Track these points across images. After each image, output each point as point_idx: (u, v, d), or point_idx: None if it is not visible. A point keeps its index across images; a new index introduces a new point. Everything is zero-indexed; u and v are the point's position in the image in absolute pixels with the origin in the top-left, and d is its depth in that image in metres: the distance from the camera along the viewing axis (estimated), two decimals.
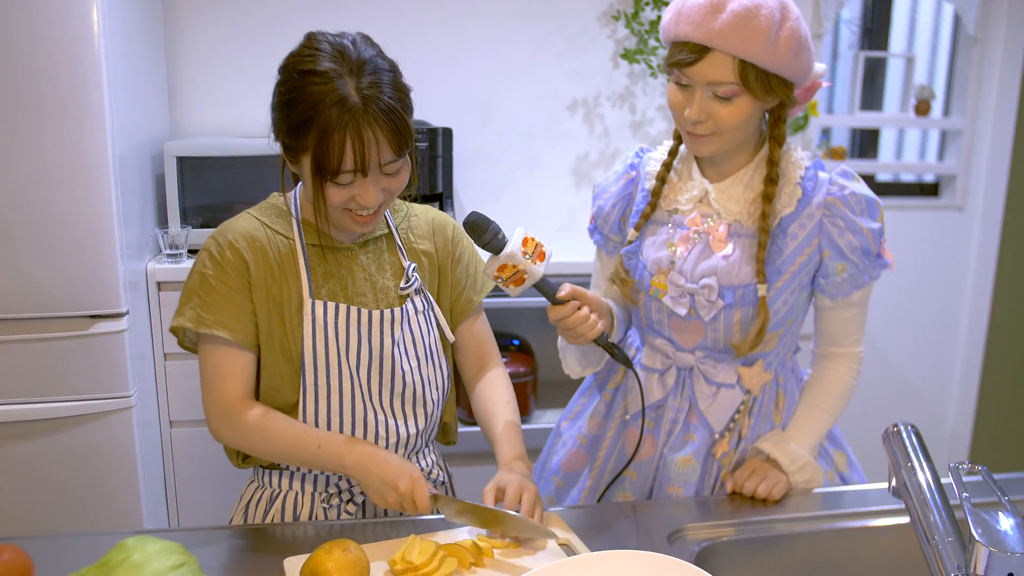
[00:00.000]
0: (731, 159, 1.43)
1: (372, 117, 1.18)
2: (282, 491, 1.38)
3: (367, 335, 1.33)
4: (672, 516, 1.36)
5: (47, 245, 2.06)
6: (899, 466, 1.07)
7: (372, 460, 1.26)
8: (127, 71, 2.20)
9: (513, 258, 1.29)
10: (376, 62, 1.22)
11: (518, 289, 1.32)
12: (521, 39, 2.86)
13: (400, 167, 1.25)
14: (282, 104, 1.23)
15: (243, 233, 1.31)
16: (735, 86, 1.29)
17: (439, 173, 2.59)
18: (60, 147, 2.02)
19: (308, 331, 1.29)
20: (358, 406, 1.33)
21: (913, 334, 3.40)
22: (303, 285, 1.30)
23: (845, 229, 1.39)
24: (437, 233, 1.45)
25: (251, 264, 1.29)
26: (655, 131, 2.99)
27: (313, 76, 1.19)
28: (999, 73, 3.19)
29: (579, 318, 1.34)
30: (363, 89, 1.18)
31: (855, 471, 1.60)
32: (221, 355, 1.29)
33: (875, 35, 3.34)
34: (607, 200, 1.56)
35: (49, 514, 2.17)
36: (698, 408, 1.48)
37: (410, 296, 1.38)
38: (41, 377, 2.12)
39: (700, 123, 1.33)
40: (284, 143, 1.25)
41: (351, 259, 1.35)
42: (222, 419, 1.30)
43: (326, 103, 1.17)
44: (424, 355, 1.39)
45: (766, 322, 1.40)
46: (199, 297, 1.29)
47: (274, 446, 1.30)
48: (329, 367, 1.31)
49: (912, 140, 3.54)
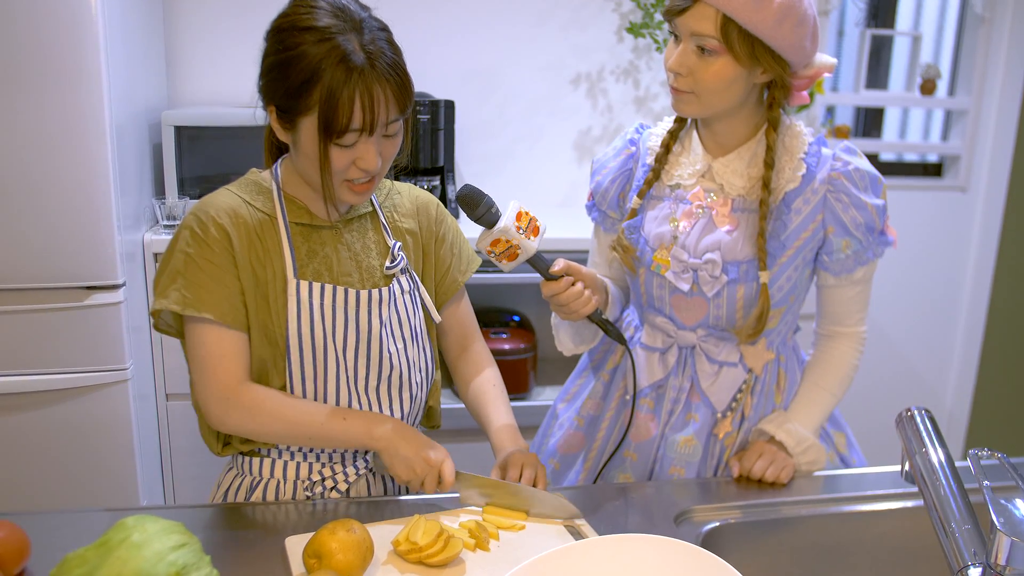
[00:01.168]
0: (732, 133, 1.41)
1: (380, 73, 1.14)
2: (263, 479, 1.32)
3: (354, 316, 1.28)
4: (677, 498, 1.34)
5: (43, 215, 2.03)
6: (913, 451, 1.05)
7: (400, 433, 1.25)
8: (124, 39, 2.15)
9: (507, 233, 1.27)
10: (371, 22, 1.19)
11: (511, 264, 1.30)
12: (525, 11, 2.82)
13: (398, 129, 1.22)
14: (279, 64, 1.16)
15: (225, 208, 1.24)
16: (715, 41, 1.27)
17: (440, 146, 2.56)
18: (57, 115, 1.98)
19: (293, 312, 1.24)
20: (343, 391, 1.28)
21: (913, 315, 3.39)
22: (287, 265, 1.24)
23: (849, 205, 1.38)
24: (421, 212, 1.41)
25: (235, 241, 1.22)
26: (659, 107, 2.95)
27: (312, 32, 1.14)
28: (1006, 53, 3.16)
29: (572, 294, 1.32)
30: (366, 45, 1.15)
31: (855, 452, 1.59)
32: (214, 337, 1.22)
33: (881, 13, 3.30)
34: (606, 176, 1.54)
35: (44, 488, 2.16)
36: (700, 387, 1.46)
37: (396, 276, 1.33)
38: (36, 349, 2.09)
39: (680, 76, 1.32)
40: (279, 107, 1.19)
41: (335, 238, 1.30)
42: (226, 404, 1.22)
43: (331, 59, 1.12)
44: (410, 336, 1.35)
45: (767, 309, 1.38)
46: (183, 278, 1.21)
47: (289, 426, 1.24)
48: (315, 350, 1.25)
49: (916, 120, 3.51)
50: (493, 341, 2.56)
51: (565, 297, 1.32)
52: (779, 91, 1.37)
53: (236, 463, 1.35)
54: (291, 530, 1.18)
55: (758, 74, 1.33)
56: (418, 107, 2.49)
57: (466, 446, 2.52)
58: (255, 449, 1.32)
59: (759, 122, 1.42)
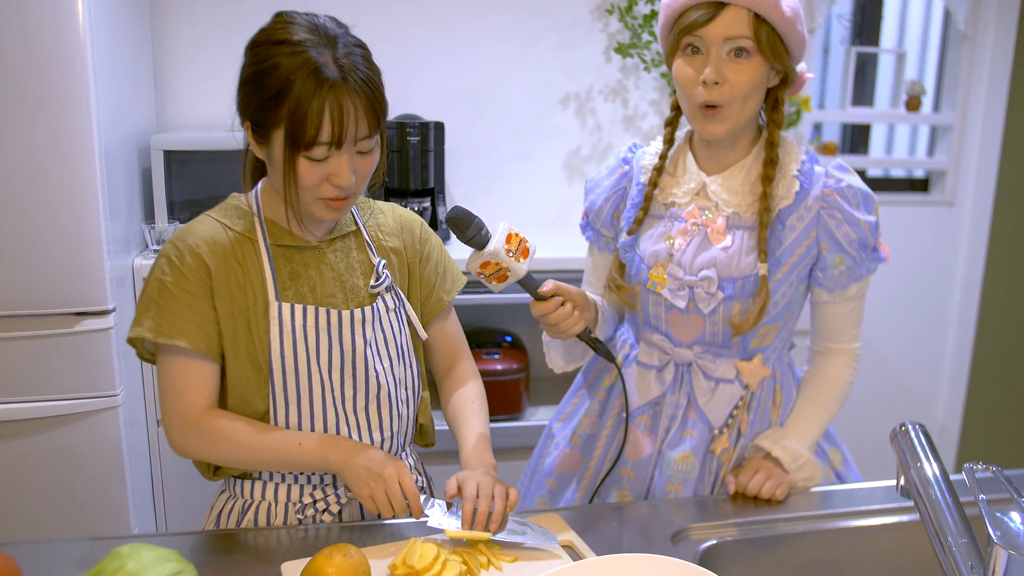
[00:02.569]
0: (731, 149, 1.43)
1: (351, 87, 1.14)
2: (254, 501, 1.31)
3: (338, 337, 1.27)
4: (674, 516, 1.34)
5: (32, 240, 2.01)
6: (908, 466, 1.05)
7: (355, 454, 1.22)
8: (113, 63, 2.16)
9: (496, 255, 1.27)
10: (348, 38, 1.19)
11: (500, 285, 1.30)
12: (514, 32, 2.84)
13: (373, 147, 1.21)
14: (252, 76, 1.17)
15: (204, 237, 1.24)
16: (750, 41, 1.30)
17: (431, 167, 2.56)
18: (45, 140, 1.98)
19: (276, 335, 1.23)
20: (329, 413, 1.28)
21: (903, 329, 3.41)
22: (268, 288, 1.24)
23: (843, 221, 1.39)
24: (405, 231, 1.40)
25: (212, 269, 1.22)
26: (647, 126, 2.97)
27: (286, 46, 1.15)
28: (989, 69, 3.20)
29: (561, 314, 1.33)
30: (340, 59, 1.15)
31: (850, 468, 1.59)
32: (182, 366, 1.22)
33: (866, 30, 3.34)
34: (600, 195, 1.55)
35: (34, 516, 2.13)
36: (697, 404, 1.47)
37: (380, 294, 1.33)
38: (25, 375, 2.07)
39: (716, 86, 1.32)
40: (252, 121, 1.19)
41: (318, 258, 1.29)
42: (186, 431, 1.23)
43: (303, 71, 1.13)
44: (396, 355, 1.34)
45: (767, 300, 1.39)
46: (157, 305, 1.22)
47: (247, 452, 1.23)
48: (299, 372, 1.25)
49: (902, 136, 3.54)
50: (485, 362, 2.56)
51: (554, 317, 1.33)
52: (783, 90, 1.41)
53: (229, 486, 1.34)
54: (287, 555, 1.17)
55: (772, 76, 1.37)
56: (408, 129, 2.50)
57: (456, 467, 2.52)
58: (247, 472, 1.31)
59: (753, 139, 1.44)
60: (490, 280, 1.29)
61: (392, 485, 1.19)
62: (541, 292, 1.33)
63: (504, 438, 2.54)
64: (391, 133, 2.50)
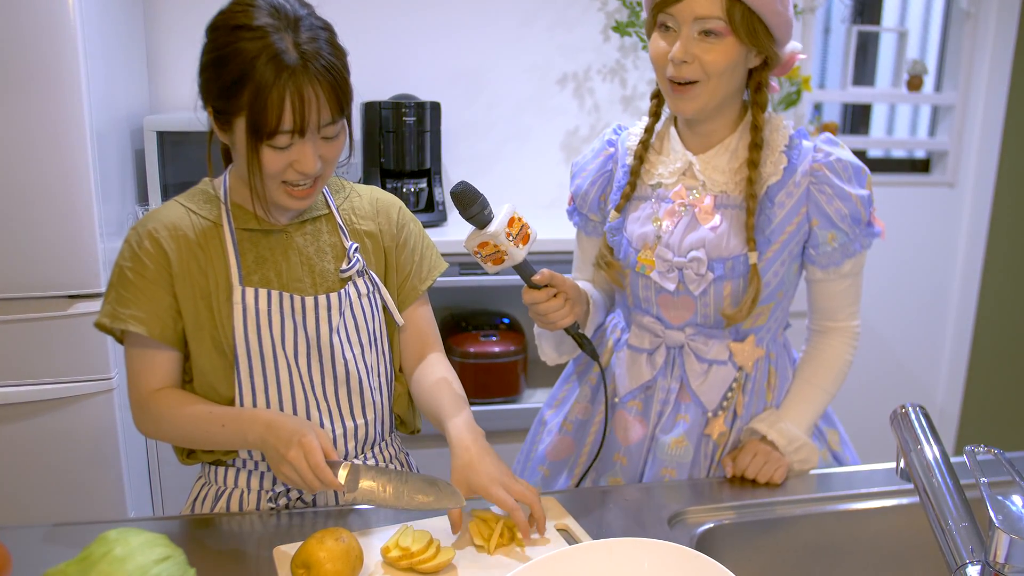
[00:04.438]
0: (714, 128, 1.40)
1: (312, 74, 1.11)
2: (227, 488, 1.30)
3: (302, 322, 1.25)
4: (670, 500, 1.33)
5: (24, 223, 2.00)
6: (908, 448, 1.04)
7: (269, 430, 1.14)
8: (105, 43, 2.13)
9: (495, 237, 1.25)
10: (312, 20, 1.15)
11: (496, 268, 1.28)
12: (511, 12, 2.80)
13: (338, 131, 1.18)
14: (212, 62, 1.14)
15: (165, 223, 1.23)
16: (721, 22, 1.27)
17: (427, 148, 2.54)
18: (36, 122, 1.96)
19: (239, 320, 1.22)
20: (299, 397, 1.26)
21: (903, 311, 3.39)
22: (232, 272, 1.22)
23: (833, 196, 1.36)
24: (381, 214, 1.37)
25: (172, 255, 1.21)
26: (646, 105, 2.91)
27: (246, 31, 1.11)
28: (991, 49, 3.16)
29: (552, 305, 1.32)
30: (302, 44, 1.11)
31: (847, 449, 1.58)
32: (139, 350, 1.23)
33: (867, 9, 3.31)
34: (585, 179, 1.52)
35: (28, 501, 2.12)
36: (690, 387, 1.45)
37: (352, 279, 1.30)
38: (18, 359, 2.06)
39: (685, 64, 1.30)
40: (214, 107, 1.16)
41: (286, 242, 1.27)
42: (139, 412, 1.25)
43: (263, 58, 1.09)
44: (368, 341, 1.31)
45: (759, 290, 1.37)
46: (116, 291, 1.22)
47: (185, 431, 1.22)
48: (264, 358, 1.23)
49: (903, 116, 3.51)
50: (483, 344, 2.54)
51: (544, 308, 1.32)
52: (766, 72, 1.37)
53: (205, 472, 1.34)
54: (279, 540, 1.16)
55: (752, 56, 1.33)
56: (404, 109, 2.47)
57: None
58: (220, 459, 1.30)
59: (739, 115, 1.41)
60: (486, 261, 1.28)
61: (313, 456, 1.11)
62: (535, 280, 1.31)
63: (501, 421, 2.54)
64: (387, 113, 2.47)
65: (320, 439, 1.13)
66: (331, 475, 1.11)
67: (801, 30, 3.01)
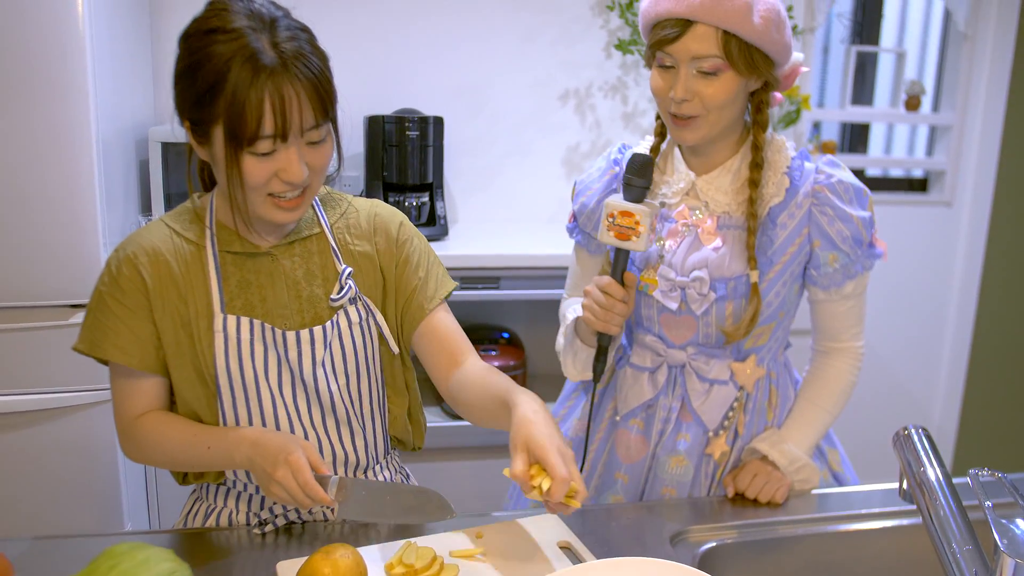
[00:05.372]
0: (716, 150, 1.41)
1: (293, 74, 1.04)
2: (217, 507, 1.29)
3: (284, 354, 1.20)
4: (672, 519, 1.33)
5: (27, 232, 2.00)
6: (911, 470, 1.05)
7: (255, 449, 1.10)
8: (112, 54, 2.14)
9: (649, 217, 1.29)
10: (289, 21, 1.10)
11: (609, 239, 1.32)
12: (514, 27, 2.82)
13: (324, 136, 1.11)
14: (185, 71, 1.08)
15: (146, 247, 1.18)
16: (719, 59, 1.28)
17: (430, 162, 2.55)
18: (42, 130, 1.96)
19: (220, 349, 1.17)
20: (283, 426, 1.21)
21: (900, 330, 3.40)
22: (214, 298, 1.18)
23: (835, 218, 1.37)
24: (379, 232, 1.29)
25: (149, 282, 1.17)
26: (647, 122, 2.96)
27: (220, 33, 1.05)
28: (988, 70, 3.19)
29: (620, 307, 1.33)
30: (280, 43, 1.05)
31: (848, 469, 1.59)
32: (121, 378, 1.21)
33: (866, 30, 3.33)
34: (591, 197, 1.52)
35: (26, 511, 2.12)
36: (691, 406, 1.45)
37: (343, 306, 1.24)
38: (18, 368, 2.06)
39: (686, 102, 1.31)
40: (190, 119, 1.10)
41: (271, 266, 1.21)
42: (124, 438, 1.22)
43: (238, 59, 1.03)
44: (356, 370, 1.25)
45: (759, 308, 1.37)
46: (94, 317, 1.19)
47: (171, 455, 1.20)
48: (247, 387, 1.19)
49: (901, 135, 3.54)
50: (483, 358, 2.54)
51: (613, 304, 1.32)
52: (767, 94, 1.38)
53: (200, 488, 1.32)
54: (281, 555, 1.16)
55: (752, 82, 1.34)
56: (407, 123, 2.48)
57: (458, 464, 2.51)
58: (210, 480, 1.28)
59: (741, 137, 1.42)
60: (611, 228, 1.31)
61: (301, 474, 1.07)
62: (627, 276, 1.34)
63: (501, 435, 2.53)
64: (390, 127, 2.48)
65: (308, 454, 1.10)
66: (321, 492, 1.08)
67: (801, 49, 3.03)
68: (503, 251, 2.47)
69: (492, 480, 2.46)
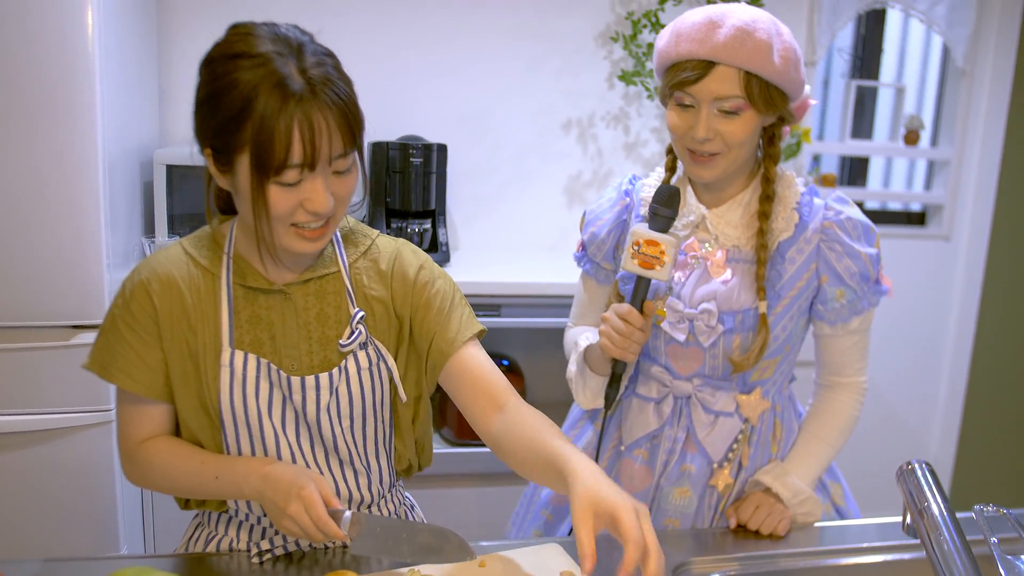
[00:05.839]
0: (728, 184, 1.42)
1: (322, 101, 1.01)
2: (219, 535, 1.27)
3: (289, 395, 1.18)
4: (675, 550, 1.32)
5: (32, 252, 2.00)
6: (915, 505, 1.05)
7: (266, 483, 1.09)
8: (120, 77, 2.15)
9: (676, 247, 1.31)
10: (315, 46, 1.06)
11: (635, 268, 1.32)
12: (517, 56, 2.85)
13: (350, 166, 1.09)
14: (209, 97, 1.04)
15: (160, 273, 1.17)
16: (740, 100, 1.29)
17: (432, 189, 2.56)
18: (50, 151, 1.97)
19: (225, 383, 1.15)
20: (286, 462, 1.19)
21: (897, 363, 3.41)
22: (223, 332, 1.16)
23: (843, 254, 1.39)
24: (396, 277, 1.24)
25: (159, 310, 1.15)
26: (648, 153, 2.98)
27: (246, 59, 1.01)
28: (986, 105, 3.22)
29: (639, 335, 1.34)
30: (308, 70, 1.02)
31: (850, 503, 1.58)
32: (128, 401, 1.20)
33: (866, 64, 3.37)
34: (602, 227, 1.53)
35: (22, 531, 2.10)
36: (696, 437, 1.45)
37: (353, 351, 1.21)
38: (18, 388, 2.05)
39: (708, 141, 1.32)
40: (212, 147, 1.06)
41: (284, 304, 1.18)
42: (128, 463, 1.21)
43: (265, 85, 0.99)
44: (363, 414, 1.23)
45: (767, 339, 1.38)
46: (106, 339, 1.18)
47: (176, 482, 1.19)
48: (250, 423, 1.17)
49: (900, 169, 3.57)
50: None
51: (632, 332, 1.33)
52: (779, 128, 1.40)
53: (202, 515, 1.31)
54: None
55: (769, 116, 1.36)
56: (411, 150, 2.50)
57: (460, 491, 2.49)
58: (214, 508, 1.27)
59: (752, 171, 1.43)
60: (635, 257, 1.32)
61: (303, 522, 1.06)
62: (646, 305, 1.35)
63: (500, 463, 2.52)
64: (394, 154, 2.50)
65: (320, 488, 1.08)
66: (334, 527, 1.06)
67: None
68: (504, 279, 2.48)
69: (494, 507, 2.45)
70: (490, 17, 2.80)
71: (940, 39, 3.23)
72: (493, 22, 2.80)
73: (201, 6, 2.61)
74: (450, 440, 2.49)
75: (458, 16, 2.78)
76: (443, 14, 2.77)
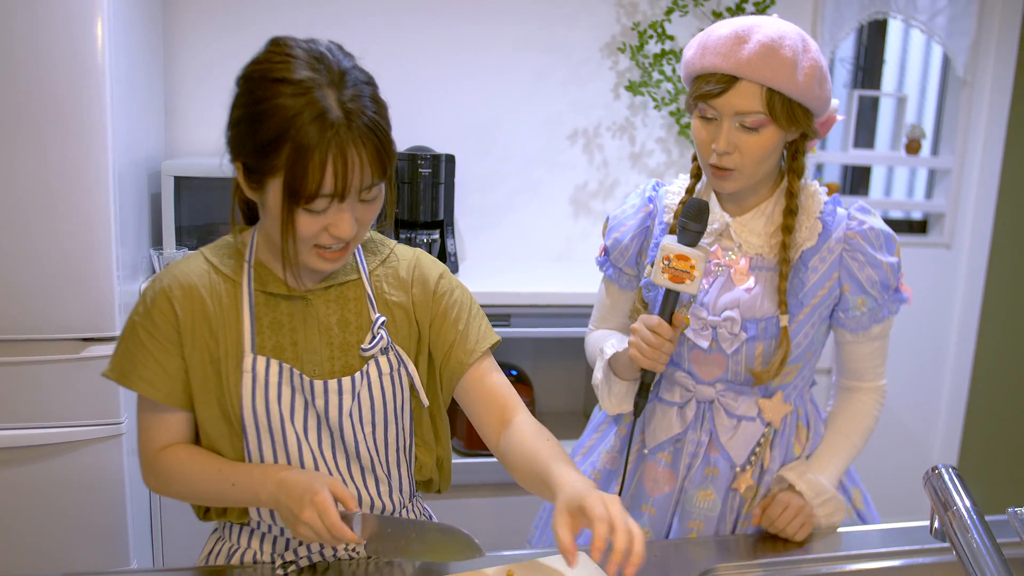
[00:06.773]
0: (752, 193, 1.43)
1: (357, 134, 1.03)
2: (241, 548, 1.27)
3: (311, 400, 1.18)
4: (699, 556, 1.33)
5: (42, 265, 2.00)
6: (943, 509, 1.05)
7: (281, 489, 1.10)
8: (128, 89, 2.15)
9: (702, 262, 1.31)
10: (356, 73, 1.08)
11: (666, 282, 1.33)
12: (524, 67, 2.86)
13: (377, 194, 1.11)
14: (247, 117, 1.06)
15: (181, 280, 1.18)
16: (762, 115, 1.29)
17: (440, 200, 2.56)
18: (60, 164, 1.97)
19: (248, 388, 1.16)
20: (308, 468, 1.19)
21: (899, 370, 3.41)
22: (245, 338, 1.17)
23: (865, 264, 1.40)
24: (416, 284, 1.26)
25: (181, 316, 1.16)
26: (654, 163, 2.99)
27: (287, 85, 1.03)
28: (987, 114, 3.25)
29: (668, 347, 1.34)
30: (346, 102, 1.04)
31: (870, 508, 1.59)
32: (147, 409, 1.20)
33: (868, 75, 3.39)
34: (625, 233, 1.54)
35: (33, 545, 2.09)
36: (719, 441, 1.46)
37: (375, 356, 1.22)
38: (28, 401, 2.04)
39: (727, 155, 1.33)
40: (245, 164, 1.09)
41: (305, 310, 1.20)
42: (147, 470, 1.21)
43: (305, 117, 1.01)
44: (385, 419, 1.23)
45: (787, 352, 1.39)
46: (126, 346, 1.18)
47: (195, 489, 1.19)
48: (272, 429, 1.17)
49: (901, 178, 3.59)
50: None
51: (662, 343, 1.33)
52: (803, 142, 1.41)
53: (221, 527, 1.31)
54: None
55: (792, 132, 1.36)
56: (419, 161, 2.50)
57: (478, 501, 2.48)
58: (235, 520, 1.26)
59: (776, 181, 1.44)
60: (665, 271, 1.32)
61: (317, 527, 1.06)
62: (675, 317, 1.35)
63: None
64: (402, 165, 2.50)
65: (334, 490, 1.08)
66: (348, 531, 1.06)
67: None
68: (512, 288, 2.48)
69: (512, 517, 2.44)
70: (497, 28, 2.81)
71: (941, 49, 3.26)
72: (500, 33, 2.82)
73: (207, 20, 2.61)
74: (459, 450, 2.48)
75: (465, 27, 2.79)
76: (450, 26, 2.78)
